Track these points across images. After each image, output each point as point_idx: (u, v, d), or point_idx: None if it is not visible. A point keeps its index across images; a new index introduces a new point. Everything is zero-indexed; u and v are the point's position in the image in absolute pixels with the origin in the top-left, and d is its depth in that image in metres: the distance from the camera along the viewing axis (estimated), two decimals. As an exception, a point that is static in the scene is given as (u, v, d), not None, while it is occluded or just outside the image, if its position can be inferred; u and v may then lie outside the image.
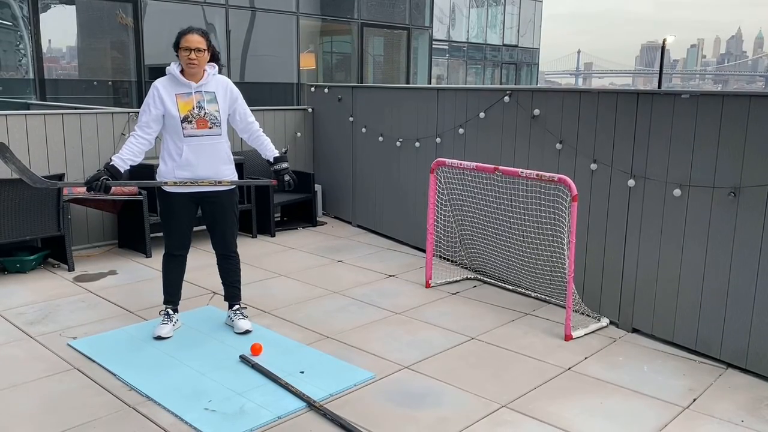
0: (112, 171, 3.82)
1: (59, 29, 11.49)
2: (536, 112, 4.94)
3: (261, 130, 4.23)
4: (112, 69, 12.14)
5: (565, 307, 4.39)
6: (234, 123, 4.18)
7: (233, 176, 4.15)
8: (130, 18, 11.67)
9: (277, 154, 4.20)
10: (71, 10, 11.64)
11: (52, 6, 11.26)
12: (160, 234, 4.47)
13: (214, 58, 4.04)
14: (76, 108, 7.03)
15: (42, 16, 10.77)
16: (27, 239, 5.35)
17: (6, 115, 5.67)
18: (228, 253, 4.27)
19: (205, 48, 3.92)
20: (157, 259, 4.39)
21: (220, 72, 4.10)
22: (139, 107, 4.06)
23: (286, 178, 4.16)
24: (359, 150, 7.06)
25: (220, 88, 4.03)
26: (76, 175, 5.93)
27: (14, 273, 5.39)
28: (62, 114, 5.99)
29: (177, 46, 3.92)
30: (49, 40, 11.21)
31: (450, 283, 5.36)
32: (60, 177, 5.34)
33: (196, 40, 3.89)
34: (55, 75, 11.64)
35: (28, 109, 8.60)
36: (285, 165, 4.19)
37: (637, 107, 4.24)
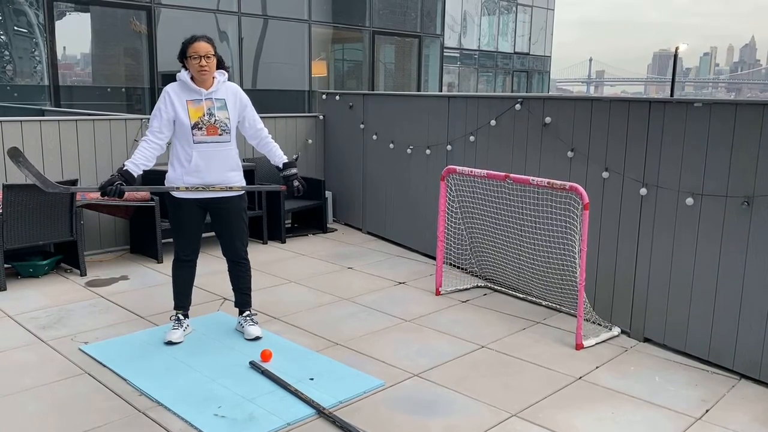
0: (125, 176, 3.83)
1: (74, 36, 11.61)
2: (548, 119, 4.93)
3: (270, 136, 4.25)
4: (126, 76, 12.23)
5: (576, 316, 4.37)
6: (243, 130, 4.20)
7: (241, 183, 4.16)
8: (143, 25, 11.77)
9: (287, 160, 4.22)
10: (86, 17, 11.76)
11: (67, 13, 11.38)
12: (172, 240, 4.49)
13: (220, 64, 4.07)
14: (89, 114, 7.10)
15: (57, 24, 10.89)
16: (40, 244, 5.39)
17: (21, 121, 5.73)
18: (238, 260, 4.27)
19: (213, 54, 3.95)
20: (168, 264, 4.41)
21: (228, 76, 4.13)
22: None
23: (295, 183, 4.18)
24: (370, 157, 7.08)
25: (230, 95, 4.05)
26: (90, 180, 5.98)
27: (27, 277, 5.43)
28: (76, 120, 6.05)
29: (184, 56, 3.95)
30: (64, 47, 11.32)
31: (460, 290, 5.34)
32: (73, 182, 5.38)
33: (204, 47, 3.91)
34: (69, 82, 11.75)
35: (43, 116, 8.68)
36: (294, 171, 4.21)
37: (649, 115, 4.22)
